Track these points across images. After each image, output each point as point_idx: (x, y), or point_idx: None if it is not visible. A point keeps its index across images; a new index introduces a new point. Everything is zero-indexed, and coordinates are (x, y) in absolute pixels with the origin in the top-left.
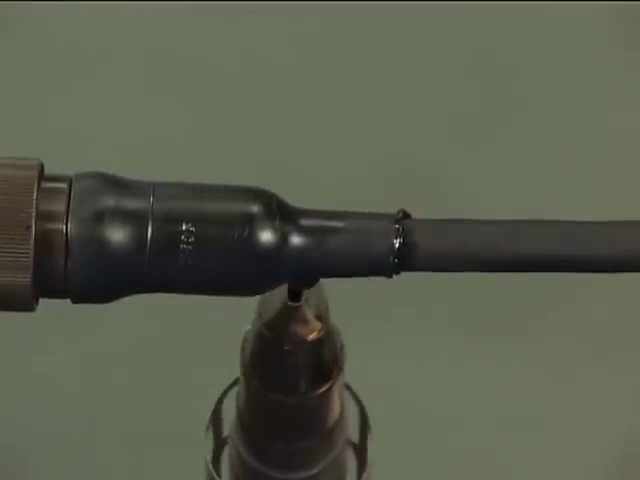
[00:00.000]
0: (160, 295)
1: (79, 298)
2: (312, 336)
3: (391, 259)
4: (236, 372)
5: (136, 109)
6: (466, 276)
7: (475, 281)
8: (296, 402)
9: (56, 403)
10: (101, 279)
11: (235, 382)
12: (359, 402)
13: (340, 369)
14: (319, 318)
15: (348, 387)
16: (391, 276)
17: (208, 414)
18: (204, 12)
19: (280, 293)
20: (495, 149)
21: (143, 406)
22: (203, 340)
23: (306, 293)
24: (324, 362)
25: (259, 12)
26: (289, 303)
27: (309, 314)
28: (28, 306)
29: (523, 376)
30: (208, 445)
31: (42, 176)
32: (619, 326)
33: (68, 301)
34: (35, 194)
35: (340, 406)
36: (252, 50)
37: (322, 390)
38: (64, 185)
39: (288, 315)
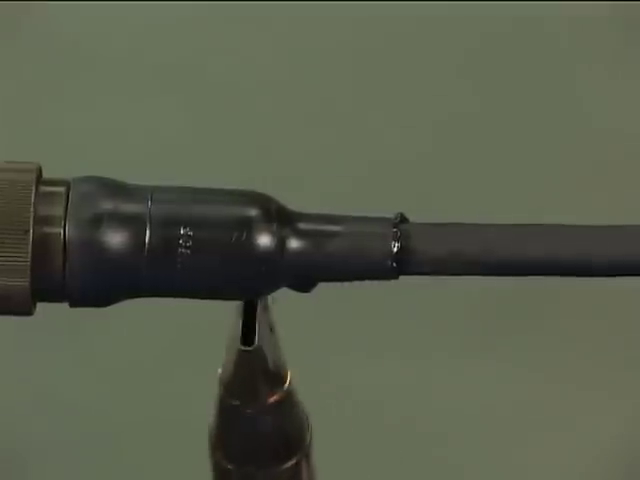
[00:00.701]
0: (160, 299)
1: (77, 302)
2: (274, 398)
3: (389, 263)
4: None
5: (135, 110)
6: (466, 277)
7: (475, 282)
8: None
9: (56, 406)
10: (99, 283)
11: None
12: None
13: (309, 442)
14: (280, 379)
15: None
16: (390, 280)
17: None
18: (204, 13)
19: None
20: (494, 151)
21: (143, 407)
22: (203, 344)
23: (265, 351)
24: (291, 430)
25: (259, 13)
26: (242, 349)
27: (268, 377)
28: (26, 310)
29: (523, 376)
30: None
31: (40, 180)
32: (619, 326)
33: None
34: (33, 198)
35: None
36: (252, 51)
37: (291, 464)
38: (62, 189)
39: (246, 374)
